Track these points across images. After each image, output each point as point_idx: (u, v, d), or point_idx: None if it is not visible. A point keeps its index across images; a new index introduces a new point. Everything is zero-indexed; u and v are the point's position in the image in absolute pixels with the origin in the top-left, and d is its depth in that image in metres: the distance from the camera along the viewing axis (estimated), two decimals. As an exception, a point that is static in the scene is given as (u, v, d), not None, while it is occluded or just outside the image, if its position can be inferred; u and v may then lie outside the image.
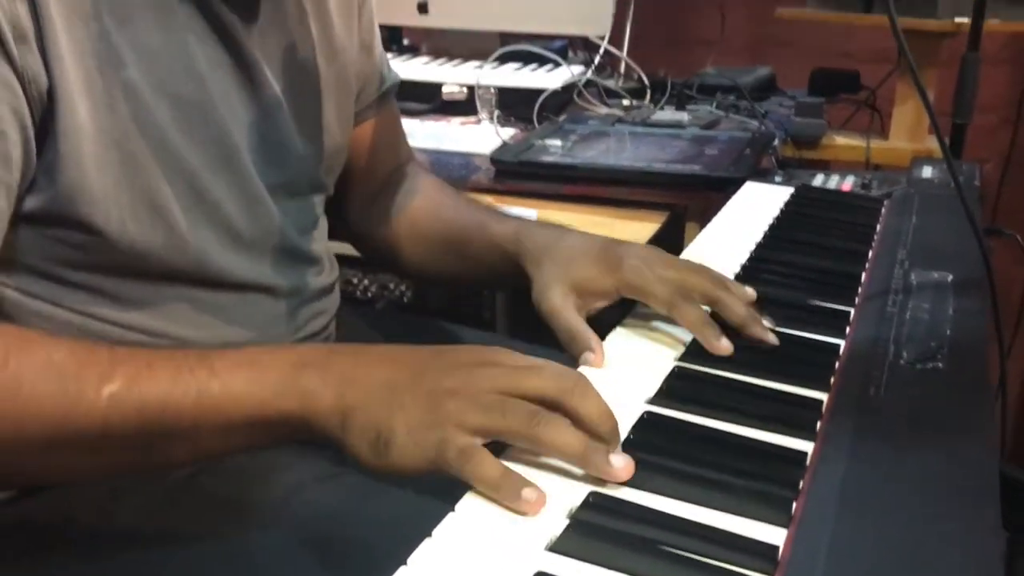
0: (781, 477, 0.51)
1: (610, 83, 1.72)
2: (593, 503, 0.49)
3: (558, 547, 0.45)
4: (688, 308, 0.68)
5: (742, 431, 0.56)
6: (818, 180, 1.20)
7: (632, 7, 1.73)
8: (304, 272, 0.81)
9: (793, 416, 0.58)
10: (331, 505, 0.66)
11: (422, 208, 0.93)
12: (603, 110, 1.59)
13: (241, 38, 0.70)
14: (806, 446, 0.55)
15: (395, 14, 1.71)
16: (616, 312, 0.76)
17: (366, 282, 1.33)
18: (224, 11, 0.69)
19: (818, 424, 0.57)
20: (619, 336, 0.71)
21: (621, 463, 0.51)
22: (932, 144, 1.50)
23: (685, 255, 0.90)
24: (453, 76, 1.60)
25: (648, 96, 1.65)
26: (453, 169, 1.32)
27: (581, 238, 0.79)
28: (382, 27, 1.88)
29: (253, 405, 0.56)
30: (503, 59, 1.64)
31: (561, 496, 0.50)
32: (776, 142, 1.46)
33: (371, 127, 0.93)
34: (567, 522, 0.47)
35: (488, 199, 1.27)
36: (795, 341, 0.69)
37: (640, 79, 1.70)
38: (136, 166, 0.64)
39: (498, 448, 0.53)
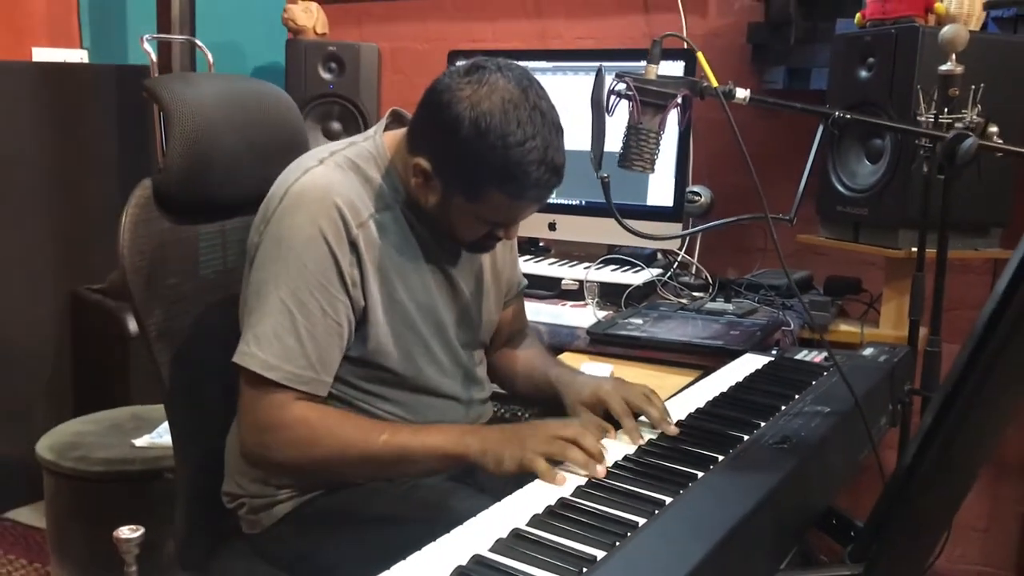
0: (669, 487, 1.14)
1: (686, 279, 2.41)
2: (513, 535, 1.13)
3: (493, 548, 1.00)
4: (626, 421, 1.33)
5: (670, 464, 1.21)
6: (801, 354, 1.83)
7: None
8: (474, 389, 1.52)
9: (698, 462, 1.22)
10: (452, 505, 1.32)
11: (522, 358, 1.65)
12: (674, 300, 2.27)
13: (449, 272, 1.45)
14: (700, 474, 1.18)
15: (535, 230, 2.48)
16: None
17: (503, 410, 2.01)
18: (441, 259, 1.43)
19: (712, 465, 1.21)
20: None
21: (602, 469, 1.16)
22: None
23: (687, 391, 1.56)
24: (570, 273, 2.32)
25: (712, 290, 2.33)
26: (563, 336, 2.02)
27: (583, 379, 1.48)
28: (526, 238, 2.68)
29: (444, 449, 1.25)
30: (606, 262, 2.36)
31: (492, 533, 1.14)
32: (792, 327, 2.10)
33: (511, 310, 1.66)
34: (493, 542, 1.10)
35: (584, 357, 1.97)
36: (721, 434, 1.33)
37: (706, 278, 2.39)
38: (402, 337, 1.38)
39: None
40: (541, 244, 2.63)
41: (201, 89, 1.50)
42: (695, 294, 2.32)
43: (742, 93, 1.41)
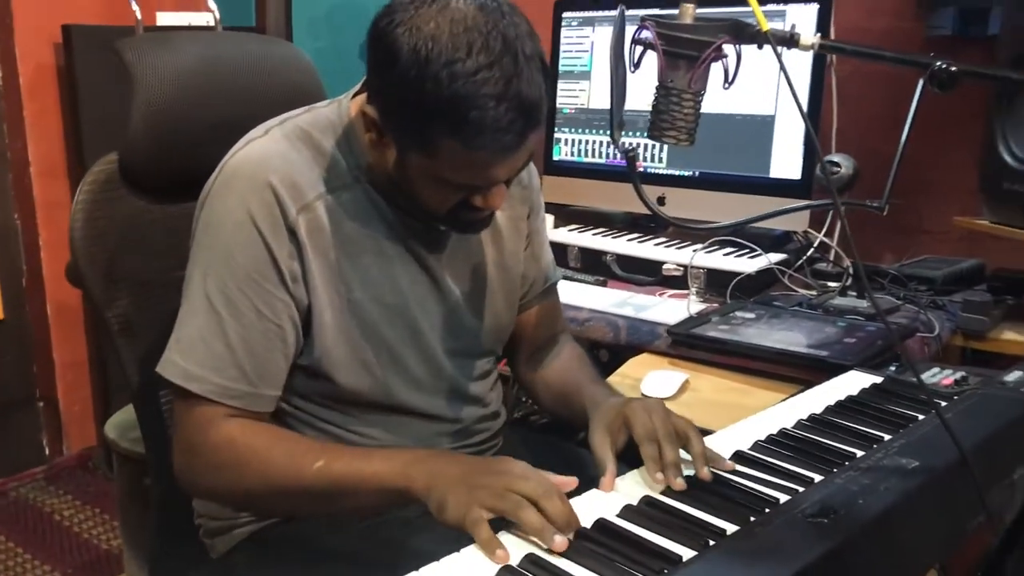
0: (638, 571, 0.85)
1: (824, 266, 2.01)
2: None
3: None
4: (645, 447, 1.04)
5: (650, 537, 0.91)
6: (930, 372, 1.43)
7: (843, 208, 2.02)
8: (466, 407, 1.26)
9: (693, 536, 0.91)
10: (419, 546, 1.07)
11: (555, 370, 1.35)
12: (800, 292, 1.89)
13: (431, 264, 1.19)
14: (684, 554, 0.88)
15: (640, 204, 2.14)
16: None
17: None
18: (420, 249, 1.18)
19: (709, 542, 0.90)
20: (630, 476, 1.06)
21: (560, 540, 0.88)
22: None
23: (744, 424, 1.22)
24: (675, 256, 1.99)
25: (843, 282, 1.92)
26: (641, 335, 1.71)
27: (615, 399, 1.17)
28: (633, 214, 2.29)
29: (383, 482, 1.01)
30: (721, 244, 2.01)
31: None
32: (938, 332, 1.69)
33: (536, 311, 1.38)
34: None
35: (663, 359, 1.66)
36: (746, 494, 1.00)
37: (845, 266, 1.98)
38: (356, 344, 1.14)
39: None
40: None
41: (178, 51, 1.32)
42: (831, 284, 1.93)
43: (808, 38, 1.06)
